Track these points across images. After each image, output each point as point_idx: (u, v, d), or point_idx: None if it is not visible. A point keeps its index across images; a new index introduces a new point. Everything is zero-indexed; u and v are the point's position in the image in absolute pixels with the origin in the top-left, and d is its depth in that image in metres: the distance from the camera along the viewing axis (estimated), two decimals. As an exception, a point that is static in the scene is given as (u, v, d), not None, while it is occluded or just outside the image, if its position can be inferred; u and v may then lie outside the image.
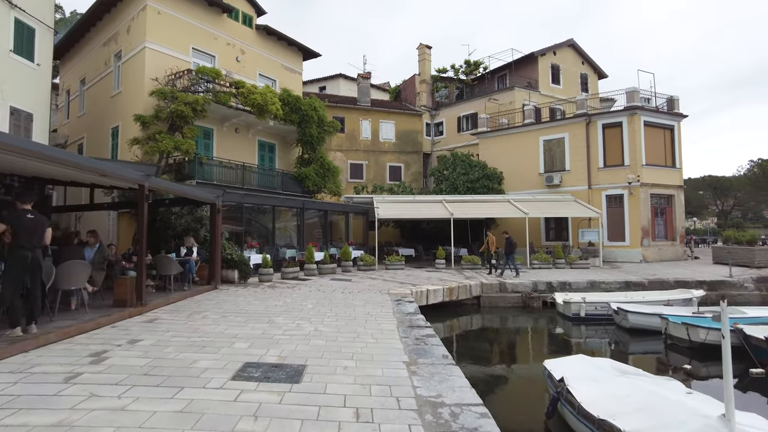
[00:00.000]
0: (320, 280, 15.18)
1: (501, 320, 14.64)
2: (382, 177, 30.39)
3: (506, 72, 32.49)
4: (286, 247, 18.57)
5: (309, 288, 13.03)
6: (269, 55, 23.87)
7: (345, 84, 38.57)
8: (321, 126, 22.84)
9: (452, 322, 14.28)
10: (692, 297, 13.29)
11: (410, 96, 34.30)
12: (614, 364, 6.55)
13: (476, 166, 26.06)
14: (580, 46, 32.51)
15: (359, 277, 16.42)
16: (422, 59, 33.89)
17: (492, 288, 16.12)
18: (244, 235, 16.80)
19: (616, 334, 11.90)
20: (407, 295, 12.29)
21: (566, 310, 13.42)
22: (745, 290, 16.66)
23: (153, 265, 11.02)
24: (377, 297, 11.56)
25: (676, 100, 24.45)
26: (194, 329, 7.18)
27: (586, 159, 23.99)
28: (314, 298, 10.99)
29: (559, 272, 18.78)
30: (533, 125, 26.21)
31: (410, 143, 31.80)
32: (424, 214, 21.32)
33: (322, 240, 20.20)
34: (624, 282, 16.39)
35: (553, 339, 12.48)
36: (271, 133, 23.26)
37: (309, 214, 20.27)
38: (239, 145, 21.57)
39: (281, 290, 12.50)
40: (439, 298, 14.28)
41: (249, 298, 10.93)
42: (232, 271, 13.85)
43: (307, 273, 16.17)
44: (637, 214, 22.43)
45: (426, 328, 7.74)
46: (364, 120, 30.53)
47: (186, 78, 18.30)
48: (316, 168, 22.45)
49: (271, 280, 14.42)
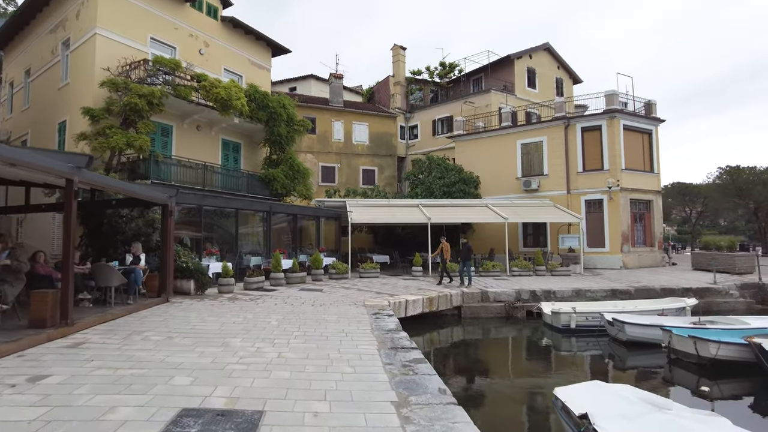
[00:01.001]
0: (288, 290, 13.80)
1: (484, 332, 13.59)
2: (355, 181, 29.16)
3: (482, 75, 31.86)
4: (251, 254, 17.10)
5: (275, 300, 11.65)
6: (235, 49, 22.39)
7: (316, 85, 37.25)
8: (290, 125, 21.48)
9: (432, 335, 13.14)
10: (685, 306, 12.56)
11: (384, 98, 33.27)
12: (639, 393, 5.50)
13: (452, 170, 25.15)
14: (555, 50, 32.20)
15: (331, 286, 15.11)
16: (396, 60, 32.93)
17: (473, 297, 15.07)
18: (203, 241, 15.27)
19: (611, 347, 10.98)
20: (385, 308, 11.07)
21: (555, 321, 12.47)
22: (731, 297, 16.16)
23: (91, 276, 9.47)
24: (352, 310, 10.30)
25: (653, 104, 24.18)
26: (127, 357, 5.77)
27: (564, 163, 23.39)
28: (280, 313, 9.64)
29: (540, 280, 17.93)
30: (511, 128, 25.52)
31: (384, 146, 30.70)
32: (400, 218, 20.19)
33: (291, 246, 18.79)
34: (610, 290, 15.63)
35: (543, 354, 11.46)
36: (236, 132, 21.74)
37: (277, 218, 18.84)
38: (201, 143, 19.99)
39: (243, 303, 11.09)
40: (418, 309, 13.12)
41: (204, 313, 9.49)
42: (187, 281, 12.34)
43: (273, 283, 14.76)
44: (617, 220, 21.89)
45: (412, 349, 6.54)
46: (337, 121, 29.28)
47: (142, 69, 16.68)
48: (285, 169, 21.05)
49: (233, 291, 12.97)
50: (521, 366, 10.57)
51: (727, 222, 54.70)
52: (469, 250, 16.30)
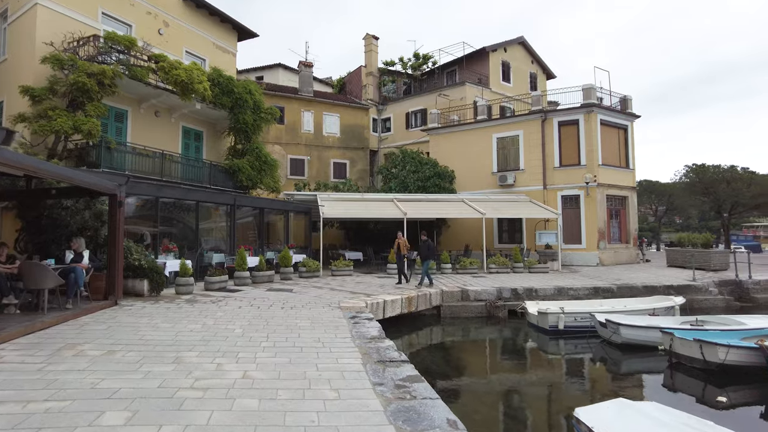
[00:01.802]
0: (254, 290, 12.60)
1: (465, 334, 12.79)
2: (326, 174, 27.95)
3: (456, 68, 31.14)
4: (214, 251, 15.78)
5: (239, 302, 10.46)
6: (199, 30, 20.83)
7: (285, 75, 35.72)
8: (257, 112, 20.14)
9: (411, 337, 12.25)
10: (674, 305, 12.10)
11: (356, 89, 32.13)
12: (672, 413, 4.73)
13: (427, 164, 24.32)
14: (530, 45, 31.81)
15: (302, 286, 13.98)
16: (369, 50, 31.84)
17: (453, 296, 14.26)
18: (159, 236, 13.87)
19: (604, 349, 10.32)
20: (363, 309, 10.07)
21: (542, 321, 11.76)
22: (710, 295, 15.90)
23: (20, 276, 8.07)
24: (327, 313, 9.25)
25: (629, 100, 23.99)
26: (48, 382, 4.57)
27: (541, 158, 22.90)
28: (245, 318, 8.50)
29: (519, 277, 17.30)
30: (486, 122, 24.88)
31: (356, 139, 29.59)
32: (375, 213, 19.19)
33: (257, 243, 17.52)
34: (592, 288, 15.09)
35: (532, 358, 10.70)
36: (198, 119, 20.24)
37: (242, 212, 17.54)
38: (160, 131, 18.43)
39: (203, 306, 9.86)
40: (397, 309, 12.18)
41: (157, 318, 8.25)
42: (140, 281, 10.99)
43: (238, 282, 13.52)
44: (594, 216, 21.56)
45: (403, 363, 5.57)
46: (306, 111, 27.96)
47: (92, 45, 15.07)
48: (251, 160, 19.70)
49: (192, 292, 11.68)
50: (510, 372, 9.76)
51: (682, 219, 56.17)
52: (430, 248, 14.65)
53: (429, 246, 14.62)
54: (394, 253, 15.58)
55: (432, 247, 14.84)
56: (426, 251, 14.53)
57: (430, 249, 14.65)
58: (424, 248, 14.61)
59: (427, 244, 14.59)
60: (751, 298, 16.25)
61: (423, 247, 14.66)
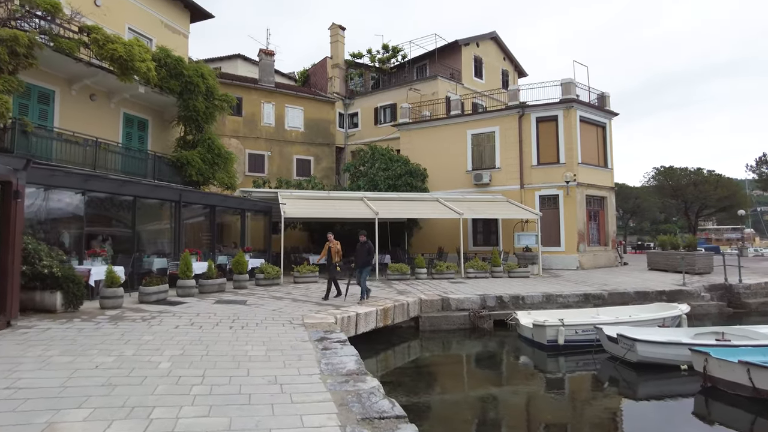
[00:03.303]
0: (200, 303, 10.52)
1: (448, 349, 11.18)
2: (288, 171, 25.84)
3: (427, 62, 29.69)
4: (156, 255, 13.54)
5: (177, 320, 8.41)
6: (144, 6, 18.45)
7: (244, 66, 33.26)
8: (210, 99, 17.94)
9: (387, 355, 10.49)
10: (681, 314, 10.81)
11: (321, 81, 30.16)
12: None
13: (398, 162, 22.66)
14: (502, 41, 30.75)
15: (258, 296, 11.97)
16: (335, 41, 29.96)
17: (433, 306, 12.61)
18: (87, 238, 11.57)
19: (617, 369, 8.82)
20: (332, 327, 8.23)
21: (538, 335, 10.23)
22: (702, 300, 14.90)
23: None
24: (288, 334, 7.37)
25: (607, 97, 23.10)
26: None
27: (518, 156, 21.64)
28: (179, 344, 6.51)
29: (500, 282, 15.84)
30: (460, 117, 23.47)
31: (321, 134, 27.62)
32: (343, 213, 17.32)
33: (208, 246, 15.35)
34: (582, 295, 13.79)
35: (532, 380, 9.11)
36: (142, 106, 17.86)
37: (191, 211, 15.34)
38: (97, 117, 16.01)
39: (129, 325, 7.77)
40: (371, 323, 10.40)
41: (56, 347, 6.14)
42: (51, 293, 8.75)
43: (181, 292, 11.38)
44: (573, 217, 20.43)
45: (401, 422, 3.79)
46: (267, 103, 25.78)
47: (2, 7, 12.57)
48: (203, 152, 17.48)
49: (120, 306, 9.50)
50: (510, 402, 8.11)
51: (646, 222, 56.94)
52: (370, 252, 11.82)
53: (369, 250, 11.72)
54: (325, 258, 12.28)
55: (372, 251, 11.96)
56: (365, 256, 11.56)
57: (371, 253, 11.82)
58: (362, 253, 11.56)
59: (367, 248, 11.63)
60: (743, 303, 15.37)
61: (361, 250, 11.59)
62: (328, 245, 12.15)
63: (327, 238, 12.36)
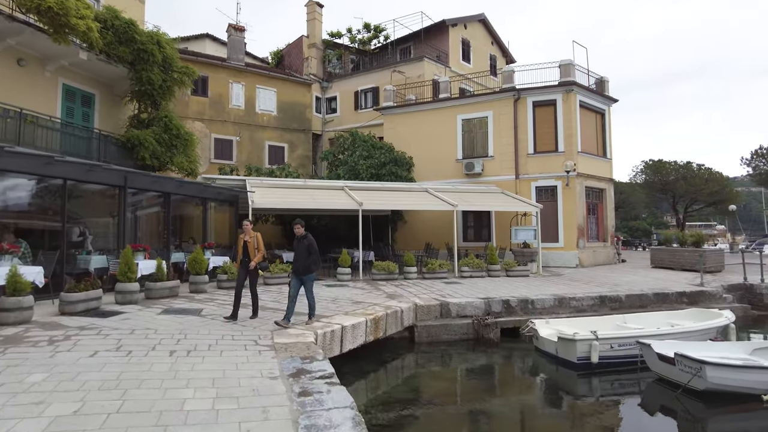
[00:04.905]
0: (141, 313, 8.26)
1: (452, 366, 9.24)
2: (259, 159, 23.44)
3: (411, 44, 27.61)
4: (96, 252, 11.15)
5: (101, 340, 6.18)
6: (87, -39, 15.76)
7: (213, 46, 30.54)
8: (168, 71, 15.49)
9: (377, 377, 8.49)
10: (729, 323, 9.10)
11: (296, 62, 27.75)
12: None
13: (381, 149, 20.58)
14: (490, 24, 28.94)
15: (218, 302, 9.75)
16: (312, 18, 27.59)
17: (430, 312, 10.65)
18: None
19: (679, 399, 6.94)
20: (311, 350, 6.14)
21: (565, 351, 8.35)
22: (724, 302, 13.36)
23: None
24: (250, 366, 5.25)
25: (606, 82, 21.52)
26: None
27: (513, 143, 19.82)
28: (80, 390, 4.33)
29: (500, 283, 14.01)
30: (450, 100, 21.52)
31: (296, 119, 25.28)
32: (322, 204, 15.14)
33: (162, 241, 12.98)
34: (597, 297, 12.08)
35: (567, 413, 7.19)
36: (87, 77, 15.30)
37: (141, 198, 12.92)
38: (27, 86, 13.44)
39: (19, 354, 5.50)
40: (360, 338, 8.34)
41: None
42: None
43: (121, 299, 9.08)
44: (573, 210, 18.75)
45: None
46: (236, 83, 23.29)
47: None
48: (158, 132, 15.03)
49: (30, 320, 7.17)
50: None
51: (632, 217, 56.26)
52: (312, 251, 7.78)
53: (310, 247, 7.74)
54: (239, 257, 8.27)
55: (315, 249, 7.81)
56: (304, 258, 7.72)
57: (313, 252, 7.75)
58: (301, 253, 7.76)
59: (306, 245, 7.74)
60: (766, 304, 13.91)
61: (299, 250, 7.80)
62: (243, 238, 8.21)
63: (242, 227, 8.45)
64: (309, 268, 7.82)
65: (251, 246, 8.20)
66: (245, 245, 8.19)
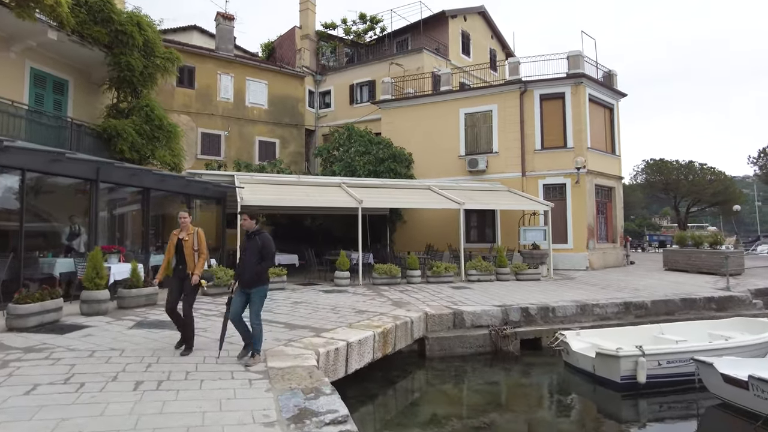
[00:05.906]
0: (110, 327, 6.98)
1: (469, 385, 8.04)
2: (249, 154, 22.11)
3: (409, 36, 26.44)
4: (60, 254, 9.84)
5: (48, 367, 4.91)
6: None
7: (201, 38, 29.11)
8: (149, 57, 14.15)
9: (386, 401, 7.32)
10: (785, 336, 8.01)
11: (288, 54, 26.45)
12: None
13: (379, 144, 19.40)
14: (490, 17, 27.87)
15: (201, 313, 8.49)
16: (305, 9, 26.30)
17: (442, 323, 9.48)
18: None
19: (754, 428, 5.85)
20: (315, 377, 4.91)
21: (605, 368, 7.20)
22: (755, 308, 12.34)
23: None
24: (237, 403, 4.02)
25: (614, 76, 20.54)
26: None
27: (519, 138, 18.71)
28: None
29: (511, 288, 12.88)
30: (451, 93, 20.39)
31: (288, 113, 23.99)
32: (318, 201, 13.89)
33: (139, 242, 11.65)
34: (622, 303, 11.01)
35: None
36: (59, 61, 13.90)
37: (116, 195, 11.62)
38: (-12, 69, 12.03)
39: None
40: (367, 355, 7.14)
41: None
42: None
43: (88, 309, 7.79)
44: (583, 210, 17.69)
45: None
46: (225, 75, 21.96)
47: None
48: (139, 123, 13.65)
49: (-34, 339, 5.89)
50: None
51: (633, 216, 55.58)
52: (267, 254, 5.59)
53: (264, 249, 5.56)
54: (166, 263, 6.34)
55: (271, 252, 5.63)
56: (254, 261, 5.51)
57: (267, 256, 5.59)
58: (251, 256, 5.55)
59: (260, 244, 5.56)
60: (796, 311, 12.91)
61: (250, 249, 5.61)
62: (175, 237, 6.07)
63: (179, 217, 6.19)
64: (261, 278, 5.50)
65: (188, 247, 5.86)
66: (180, 246, 5.90)
